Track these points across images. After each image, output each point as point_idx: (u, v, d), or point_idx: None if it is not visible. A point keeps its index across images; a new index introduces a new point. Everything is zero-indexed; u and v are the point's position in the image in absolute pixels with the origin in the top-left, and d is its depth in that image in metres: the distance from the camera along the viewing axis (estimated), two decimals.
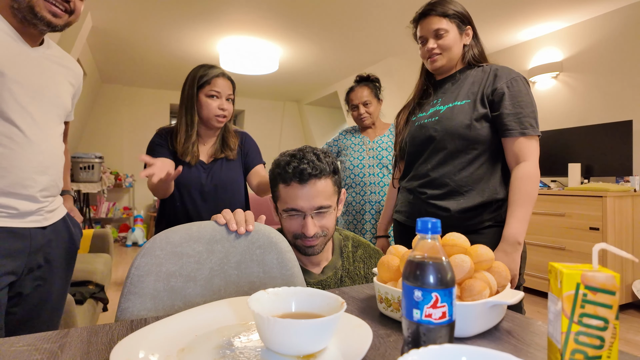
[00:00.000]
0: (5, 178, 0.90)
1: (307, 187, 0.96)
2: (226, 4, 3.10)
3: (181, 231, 0.85)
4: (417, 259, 0.49)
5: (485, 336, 0.60)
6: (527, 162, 1.12)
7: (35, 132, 0.96)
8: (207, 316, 0.64)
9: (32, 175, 0.95)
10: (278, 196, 1.02)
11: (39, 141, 0.97)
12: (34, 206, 0.97)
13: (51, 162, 1.01)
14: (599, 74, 3.33)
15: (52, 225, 1.05)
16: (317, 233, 0.99)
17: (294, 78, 5.33)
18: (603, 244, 0.47)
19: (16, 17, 0.94)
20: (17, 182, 0.92)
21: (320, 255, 1.06)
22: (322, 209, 0.98)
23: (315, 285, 1.03)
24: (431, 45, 1.22)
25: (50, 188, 1.02)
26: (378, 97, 2.09)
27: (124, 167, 5.87)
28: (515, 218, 1.09)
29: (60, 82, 1.07)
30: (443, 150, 1.20)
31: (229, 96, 1.45)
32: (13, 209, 0.93)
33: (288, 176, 0.97)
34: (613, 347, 0.44)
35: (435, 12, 1.22)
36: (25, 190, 0.94)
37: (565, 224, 2.94)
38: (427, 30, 1.23)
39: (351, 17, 3.33)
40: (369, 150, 2.05)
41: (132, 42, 3.94)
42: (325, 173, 0.98)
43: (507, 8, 3.15)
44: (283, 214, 1.01)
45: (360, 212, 2.02)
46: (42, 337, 0.59)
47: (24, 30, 0.97)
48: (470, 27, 1.26)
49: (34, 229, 0.98)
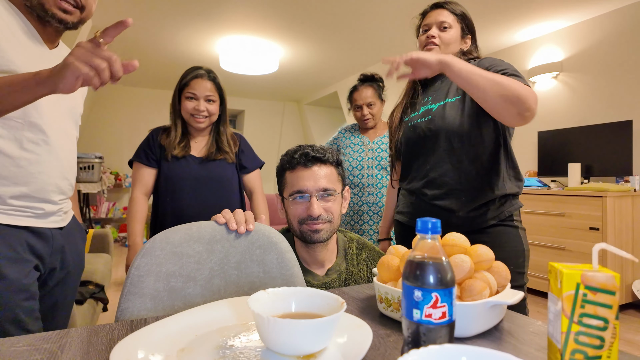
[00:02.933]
0: (32, 184, 0.92)
1: (311, 170, 1.01)
2: (226, 4, 3.10)
3: (181, 231, 0.85)
4: (417, 259, 0.49)
5: (485, 336, 0.60)
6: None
7: (58, 137, 0.98)
8: (207, 316, 0.64)
9: (55, 180, 0.97)
10: (284, 184, 1.06)
11: (61, 146, 0.99)
12: (54, 207, 0.99)
13: (70, 167, 1.03)
14: (599, 74, 3.33)
15: (67, 226, 1.07)
16: (322, 216, 1.00)
17: (294, 78, 5.33)
18: (603, 244, 0.47)
19: (33, 16, 0.94)
20: (42, 188, 0.94)
21: (324, 254, 1.06)
22: (326, 192, 1.02)
23: (320, 288, 1.03)
24: (433, 32, 1.24)
25: (67, 191, 1.04)
26: (381, 98, 2.08)
27: (124, 167, 5.87)
28: (465, 64, 0.98)
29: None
30: (439, 149, 1.18)
31: (208, 97, 1.46)
32: (39, 209, 0.95)
33: (294, 161, 1.03)
34: (613, 347, 0.44)
35: (447, 7, 1.26)
36: (48, 195, 0.96)
37: (565, 224, 2.94)
38: (433, 19, 1.25)
39: (351, 17, 3.33)
40: (369, 152, 2.04)
41: (132, 42, 3.94)
42: (330, 161, 1.04)
43: (507, 8, 3.15)
44: (289, 200, 1.04)
45: (358, 213, 2.02)
46: (42, 337, 0.59)
47: (42, 30, 0.97)
48: (470, 36, 1.29)
49: (55, 229, 1.00)
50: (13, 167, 0.89)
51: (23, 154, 0.90)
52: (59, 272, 1.03)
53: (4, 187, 0.88)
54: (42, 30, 0.96)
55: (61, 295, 1.06)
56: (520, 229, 1.19)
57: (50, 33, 0.98)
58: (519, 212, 1.21)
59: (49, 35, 0.99)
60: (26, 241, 0.92)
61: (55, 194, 0.98)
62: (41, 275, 0.98)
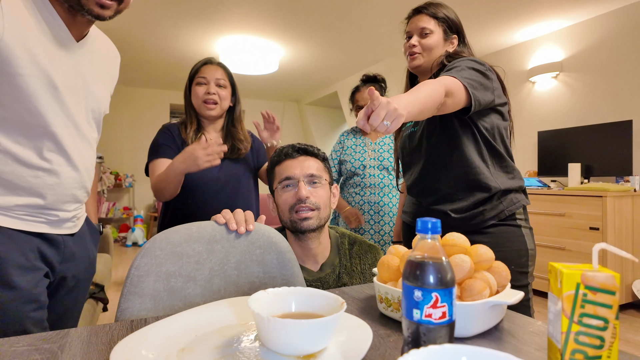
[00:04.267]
0: (49, 196, 0.89)
1: (298, 159, 1.07)
2: (226, 4, 3.10)
3: (181, 231, 0.85)
4: (417, 259, 0.49)
5: (485, 336, 0.60)
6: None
7: (77, 144, 0.94)
8: (207, 316, 0.64)
9: (72, 191, 0.94)
10: (273, 177, 1.10)
11: (80, 155, 0.95)
12: (69, 215, 0.96)
13: (88, 175, 0.99)
14: (599, 74, 3.33)
15: (79, 231, 1.03)
16: (311, 201, 1.03)
17: (294, 78, 5.33)
18: (603, 244, 0.47)
19: (63, 6, 0.87)
20: (58, 199, 0.91)
21: (317, 248, 1.08)
22: (313, 178, 1.05)
23: (314, 283, 1.04)
24: (413, 41, 1.24)
25: (83, 199, 1.00)
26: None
27: (124, 167, 5.87)
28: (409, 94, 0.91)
29: (102, 79, 1.02)
30: (426, 156, 1.21)
31: (218, 81, 1.45)
32: (54, 216, 0.92)
33: (282, 155, 1.09)
34: (613, 347, 0.44)
35: (427, 11, 1.25)
36: (64, 206, 0.93)
37: (565, 224, 2.94)
38: (414, 26, 1.26)
39: (351, 17, 3.33)
40: (371, 152, 2.07)
41: (132, 42, 3.94)
42: (315, 154, 1.10)
43: (507, 8, 3.15)
44: (279, 189, 1.07)
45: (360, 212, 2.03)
46: (42, 337, 0.59)
47: (71, 20, 0.89)
48: (456, 36, 1.27)
49: (66, 236, 0.97)
50: (31, 178, 0.85)
51: (42, 164, 0.87)
52: (70, 281, 1.00)
53: (18, 197, 0.84)
54: (71, 22, 0.89)
55: (71, 302, 1.03)
56: (524, 228, 1.17)
57: (80, 24, 0.91)
58: (523, 210, 1.19)
59: (79, 26, 0.91)
60: (37, 247, 0.88)
61: (70, 204, 0.95)
62: (51, 283, 0.94)
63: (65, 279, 0.98)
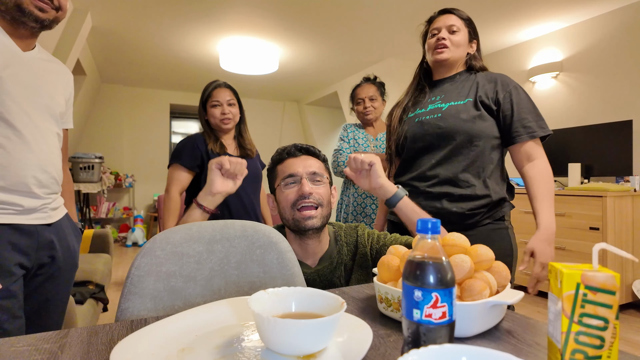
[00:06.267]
0: (7, 177, 0.93)
1: (300, 158, 1.09)
2: (226, 4, 3.10)
3: (181, 231, 0.86)
4: (417, 259, 0.49)
5: (485, 336, 0.60)
6: (540, 160, 1.18)
7: (32, 131, 0.99)
8: (207, 316, 0.64)
9: (32, 172, 0.98)
10: (275, 176, 1.10)
11: (36, 140, 1.00)
12: (37, 202, 1.00)
13: (49, 159, 1.04)
14: (599, 74, 3.33)
15: (56, 222, 1.07)
16: (314, 197, 1.03)
17: (294, 78, 5.32)
18: (603, 244, 0.47)
19: (5, 19, 0.96)
20: (18, 181, 0.95)
21: (316, 247, 1.08)
22: (316, 176, 1.06)
23: (311, 275, 1.04)
24: (444, 34, 1.27)
25: (50, 185, 1.04)
26: (383, 98, 2.18)
27: (124, 167, 5.87)
28: (547, 209, 1.14)
29: (54, 84, 1.10)
30: (448, 146, 1.22)
31: (229, 101, 1.74)
32: (18, 205, 0.96)
33: (284, 154, 1.10)
34: (613, 347, 0.44)
35: (455, 12, 1.31)
36: (27, 187, 0.97)
37: (565, 224, 2.94)
38: (442, 23, 1.29)
39: (351, 17, 3.33)
40: (373, 147, 2.12)
41: (132, 42, 3.94)
42: (316, 155, 1.11)
43: (507, 8, 3.15)
44: (281, 187, 1.07)
45: (362, 205, 2.09)
46: (42, 337, 0.59)
47: (15, 33, 0.99)
48: (476, 41, 1.34)
49: (40, 225, 1.01)
50: None
51: None
52: (49, 267, 1.04)
53: None
54: (13, 33, 0.98)
55: (52, 291, 1.07)
56: (510, 229, 1.24)
57: (23, 35, 1.00)
58: (509, 212, 1.27)
59: (23, 39, 1.01)
60: (8, 239, 0.93)
61: (35, 187, 0.99)
62: (28, 271, 0.98)
63: (43, 265, 1.02)
